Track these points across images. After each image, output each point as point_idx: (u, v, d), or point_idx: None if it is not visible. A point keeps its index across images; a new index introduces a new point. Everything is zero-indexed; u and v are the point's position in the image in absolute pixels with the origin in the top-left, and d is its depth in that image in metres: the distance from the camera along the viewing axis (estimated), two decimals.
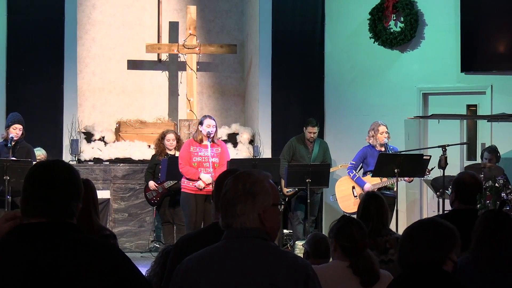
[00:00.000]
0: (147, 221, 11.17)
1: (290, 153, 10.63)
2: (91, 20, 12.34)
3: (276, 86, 11.99)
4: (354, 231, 4.17)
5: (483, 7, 11.17)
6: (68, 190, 2.68)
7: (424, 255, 3.07)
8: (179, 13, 12.54)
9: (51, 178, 2.67)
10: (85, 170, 11.01)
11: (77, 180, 2.73)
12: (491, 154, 10.10)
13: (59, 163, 2.75)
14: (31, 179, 2.69)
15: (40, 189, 2.65)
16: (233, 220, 2.77)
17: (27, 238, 2.61)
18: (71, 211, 2.68)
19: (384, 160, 9.45)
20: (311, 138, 10.61)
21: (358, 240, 4.15)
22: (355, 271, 4.07)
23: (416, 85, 11.62)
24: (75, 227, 2.68)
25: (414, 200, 11.62)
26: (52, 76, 11.44)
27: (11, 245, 2.61)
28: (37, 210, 2.64)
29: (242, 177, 2.81)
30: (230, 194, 2.79)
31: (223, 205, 2.80)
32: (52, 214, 2.64)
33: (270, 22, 11.98)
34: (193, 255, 2.83)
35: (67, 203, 2.67)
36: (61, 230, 2.63)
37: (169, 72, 12.52)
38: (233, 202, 2.77)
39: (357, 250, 4.12)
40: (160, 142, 10.38)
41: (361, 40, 11.81)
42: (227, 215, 2.78)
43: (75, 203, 2.70)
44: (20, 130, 9.59)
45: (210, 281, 2.72)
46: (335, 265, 4.20)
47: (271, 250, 2.78)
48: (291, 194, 10.59)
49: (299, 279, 2.70)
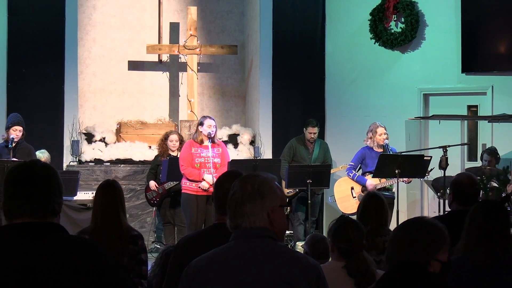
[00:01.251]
0: (148, 222, 11.17)
1: (291, 154, 10.63)
2: (92, 21, 12.34)
3: (276, 87, 11.99)
4: (350, 233, 4.17)
5: (483, 7, 11.17)
6: (49, 187, 2.67)
7: (407, 256, 3.04)
8: (180, 14, 12.55)
9: (31, 176, 2.66)
10: (86, 171, 11.01)
11: (57, 177, 2.72)
12: (490, 156, 10.10)
13: (37, 162, 2.75)
14: (10, 179, 2.67)
15: (20, 187, 2.64)
16: (242, 220, 2.78)
17: (12, 240, 2.59)
18: (54, 208, 2.66)
19: (384, 161, 9.44)
20: (311, 138, 10.61)
21: (354, 242, 4.14)
22: (350, 272, 4.08)
23: (416, 86, 11.62)
24: (59, 226, 2.66)
25: (414, 200, 11.62)
26: (53, 77, 11.44)
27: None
28: (20, 210, 2.63)
29: (249, 178, 2.84)
30: (238, 194, 2.80)
31: (232, 206, 2.80)
32: (35, 213, 2.62)
33: (270, 23, 11.98)
34: (203, 256, 2.81)
35: (49, 200, 2.65)
36: (45, 230, 2.62)
37: (169, 73, 12.52)
38: (242, 202, 2.78)
39: (353, 251, 4.12)
40: (163, 143, 10.39)
41: (362, 41, 11.81)
42: (236, 215, 2.79)
43: (57, 199, 2.68)
44: (21, 131, 9.58)
45: (224, 281, 2.71)
46: (331, 266, 4.20)
47: (283, 249, 2.80)
48: (292, 195, 10.59)
49: (311, 278, 2.73)
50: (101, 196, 5.44)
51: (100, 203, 5.42)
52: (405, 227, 3.15)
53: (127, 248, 5.34)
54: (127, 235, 5.38)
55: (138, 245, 5.40)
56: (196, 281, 2.75)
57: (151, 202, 10.38)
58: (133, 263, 5.37)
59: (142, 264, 5.42)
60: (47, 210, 2.65)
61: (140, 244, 5.42)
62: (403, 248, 3.06)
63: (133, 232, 5.49)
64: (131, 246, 5.37)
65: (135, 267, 5.37)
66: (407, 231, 3.11)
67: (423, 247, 3.05)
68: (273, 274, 2.69)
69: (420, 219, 3.22)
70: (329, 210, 11.64)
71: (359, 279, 4.04)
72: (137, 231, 5.59)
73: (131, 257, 5.36)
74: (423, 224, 3.13)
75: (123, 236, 5.35)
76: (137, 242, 5.41)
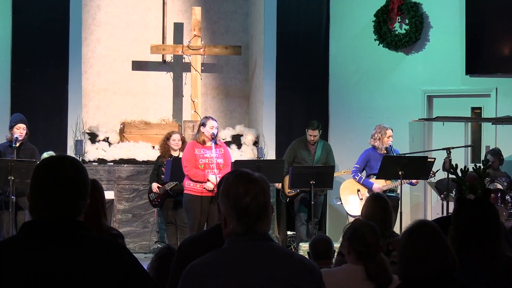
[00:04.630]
0: (151, 222, 11.17)
1: (291, 156, 10.63)
2: (96, 21, 12.35)
3: (280, 87, 11.99)
4: (367, 235, 4.17)
5: (488, 9, 11.15)
6: (77, 189, 2.68)
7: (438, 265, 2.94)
8: (184, 14, 12.54)
9: (60, 177, 2.66)
10: (90, 171, 11.01)
11: (85, 177, 2.73)
12: (494, 156, 10.10)
13: (66, 159, 2.74)
14: (39, 177, 2.68)
15: (49, 188, 2.65)
16: (262, 224, 2.71)
17: (35, 235, 2.61)
18: (79, 209, 2.69)
19: (388, 162, 9.43)
20: (312, 141, 10.60)
21: (371, 244, 4.14)
22: (369, 275, 4.07)
23: (420, 88, 11.61)
24: (83, 224, 2.68)
25: (418, 202, 11.61)
26: (57, 77, 11.45)
27: (20, 242, 2.62)
28: (46, 209, 2.64)
29: (256, 178, 2.74)
30: (260, 197, 2.70)
31: (253, 213, 2.69)
32: (60, 212, 2.64)
33: (274, 23, 11.98)
34: (207, 259, 2.72)
35: (76, 202, 2.67)
36: (69, 227, 2.64)
37: (173, 73, 12.52)
38: (265, 206, 2.71)
39: (370, 254, 4.11)
40: (165, 143, 10.39)
41: (366, 42, 11.81)
42: (258, 220, 2.69)
43: (83, 200, 2.70)
44: (24, 129, 9.58)
45: (235, 285, 2.64)
46: (348, 269, 4.20)
47: (287, 251, 2.79)
48: (293, 195, 10.60)
49: (316, 280, 2.72)
50: None
51: None
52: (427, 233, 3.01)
53: None
54: (107, 234, 5.39)
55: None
56: (204, 285, 2.64)
57: (153, 203, 10.40)
58: None
59: None
60: (72, 211, 2.67)
61: (120, 243, 5.41)
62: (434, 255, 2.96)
63: (113, 231, 5.50)
64: None
65: None
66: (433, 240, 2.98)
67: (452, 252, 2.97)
68: (282, 277, 2.66)
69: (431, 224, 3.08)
70: (333, 211, 11.64)
71: (378, 281, 4.03)
72: (117, 230, 5.61)
73: None
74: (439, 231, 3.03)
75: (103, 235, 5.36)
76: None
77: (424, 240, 3.00)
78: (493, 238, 3.37)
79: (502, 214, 9.11)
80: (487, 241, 3.36)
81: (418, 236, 3.03)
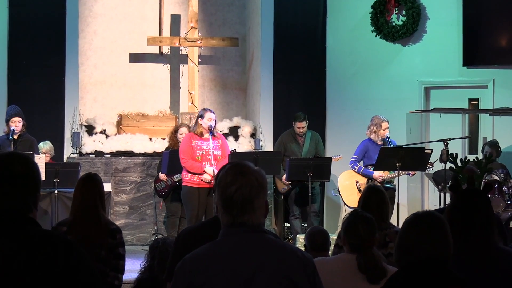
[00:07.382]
0: (148, 214, 11.17)
1: (281, 149, 10.59)
2: (93, 13, 12.32)
3: (277, 79, 11.98)
4: (360, 229, 4.16)
5: (485, 0, 11.15)
6: (25, 185, 2.65)
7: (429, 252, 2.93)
8: (181, 6, 12.52)
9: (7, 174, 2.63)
10: (87, 163, 11.01)
11: (34, 172, 2.69)
12: (491, 148, 10.11)
13: (14, 155, 2.72)
14: None
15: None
16: (249, 217, 2.70)
17: None
18: (28, 205, 2.65)
19: (385, 153, 9.44)
20: (301, 133, 10.57)
21: (364, 238, 4.13)
22: (360, 268, 4.07)
23: (418, 79, 11.61)
24: (32, 220, 2.64)
25: (415, 193, 11.62)
26: (54, 69, 11.43)
27: None
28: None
29: (248, 170, 2.74)
30: (245, 190, 2.69)
31: (236, 204, 2.68)
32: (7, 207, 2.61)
33: (272, 15, 11.96)
34: (200, 251, 2.73)
35: (24, 197, 2.64)
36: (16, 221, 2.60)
37: (170, 65, 12.50)
38: (250, 199, 2.69)
39: (363, 247, 4.10)
40: (174, 136, 10.36)
41: (363, 34, 11.80)
42: (244, 212, 2.69)
43: (32, 196, 2.67)
44: (20, 122, 9.58)
45: (225, 277, 2.64)
46: (343, 258, 4.20)
47: (280, 244, 2.78)
48: (285, 191, 10.61)
49: (309, 272, 2.71)
50: (80, 189, 5.47)
51: (79, 196, 5.46)
52: (423, 222, 2.99)
53: (105, 241, 5.38)
54: (105, 228, 5.40)
55: (116, 239, 5.44)
56: (195, 278, 2.66)
57: (159, 193, 10.33)
58: (110, 256, 5.41)
59: (120, 258, 5.45)
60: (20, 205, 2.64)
61: (118, 238, 5.45)
62: (425, 244, 2.93)
63: (112, 226, 5.52)
64: (110, 240, 5.40)
65: (112, 261, 5.41)
66: (427, 227, 2.96)
67: (447, 243, 2.95)
68: (274, 270, 2.66)
69: (433, 213, 3.05)
70: (330, 202, 11.65)
71: (369, 274, 4.04)
72: (116, 225, 5.62)
73: (108, 250, 5.40)
74: (441, 219, 3.00)
75: (101, 229, 5.38)
76: (115, 236, 5.44)
77: (419, 228, 2.98)
78: (483, 228, 3.32)
79: (499, 206, 9.12)
80: (476, 230, 3.30)
81: (415, 224, 3.02)
